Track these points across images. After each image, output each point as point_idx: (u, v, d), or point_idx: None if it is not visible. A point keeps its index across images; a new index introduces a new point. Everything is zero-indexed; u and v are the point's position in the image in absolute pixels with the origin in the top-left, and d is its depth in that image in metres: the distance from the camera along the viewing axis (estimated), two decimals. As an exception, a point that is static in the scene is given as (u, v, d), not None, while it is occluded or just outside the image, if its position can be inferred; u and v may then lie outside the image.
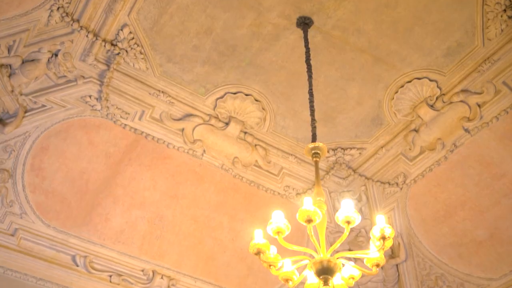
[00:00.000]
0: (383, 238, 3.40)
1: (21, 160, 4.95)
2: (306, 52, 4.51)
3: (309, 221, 3.35)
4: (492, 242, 5.55)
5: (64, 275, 5.10)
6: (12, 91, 4.64)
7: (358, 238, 6.21)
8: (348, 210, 3.39)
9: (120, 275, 5.36)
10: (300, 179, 5.91)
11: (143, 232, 5.53)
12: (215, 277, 5.81)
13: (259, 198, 5.88)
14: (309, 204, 3.39)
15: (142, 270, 5.50)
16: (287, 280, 3.68)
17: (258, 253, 3.51)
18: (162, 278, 5.53)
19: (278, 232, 3.45)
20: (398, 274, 6.37)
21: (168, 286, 5.55)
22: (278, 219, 3.47)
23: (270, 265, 3.59)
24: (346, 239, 6.09)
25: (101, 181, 5.30)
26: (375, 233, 3.44)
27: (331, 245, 3.59)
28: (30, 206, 5.05)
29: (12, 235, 4.99)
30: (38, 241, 5.09)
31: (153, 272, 5.52)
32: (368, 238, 5.44)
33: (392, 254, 6.29)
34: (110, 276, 5.32)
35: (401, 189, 5.89)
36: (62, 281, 5.08)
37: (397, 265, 6.34)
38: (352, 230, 6.05)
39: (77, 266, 5.21)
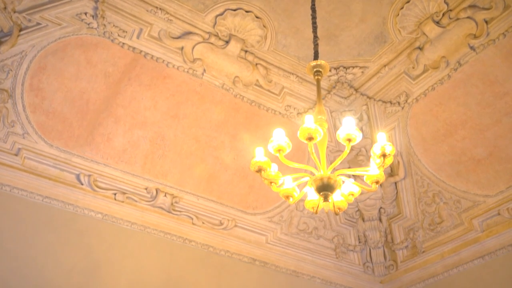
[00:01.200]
0: (384, 155, 3.42)
1: (20, 80, 4.90)
2: (308, -34, 4.33)
3: (310, 139, 3.35)
4: (490, 160, 5.62)
5: (70, 193, 5.22)
6: (5, 8, 4.50)
7: (358, 157, 6.28)
8: (349, 128, 3.39)
9: (124, 193, 5.48)
10: (301, 98, 5.88)
11: (145, 152, 5.59)
12: (217, 195, 5.95)
13: (260, 118, 5.89)
14: (310, 122, 3.38)
15: (146, 188, 5.61)
16: (287, 197, 3.75)
17: (259, 170, 3.54)
18: (165, 196, 5.66)
19: (279, 150, 3.46)
20: (397, 192, 6.52)
21: (172, 204, 5.69)
22: (279, 137, 3.47)
23: (271, 183, 3.64)
24: (346, 158, 6.16)
25: (101, 101, 5.28)
26: (375, 150, 3.46)
27: (331, 163, 3.62)
28: (31, 126, 5.07)
29: (16, 155, 5.05)
30: (42, 161, 5.15)
31: (157, 190, 5.63)
32: (368, 157, 5.50)
33: (391, 172, 6.40)
34: (115, 194, 5.44)
35: (402, 108, 5.88)
36: (68, 199, 5.20)
37: (395, 183, 6.47)
38: (352, 149, 6.12)
39: (82, 184, 5.30)
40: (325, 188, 3.47)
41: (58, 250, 4.95)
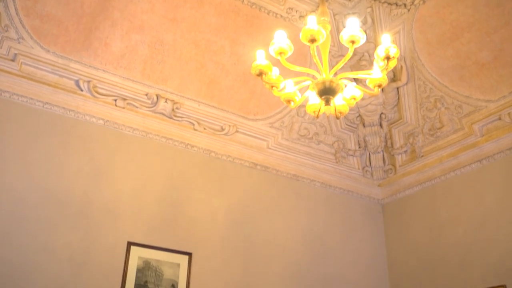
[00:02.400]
0: (388, 58, 3.35)
1: (10, -19, 4.70)
2: None
3: (313, 40, 3.27)
4: (495, 64, 5.52)
5: (70, 99, 5.19)
6: None
7: (361, 62, 6.18)
8: (353, 29, 3.29)
9: (125, 99, 5.46)
10: (303, 0, 5.66)
11: (144, 57, 5.48)
12: (218, 101, 5.93)
13: (261, 21, 5.71)
14: (313, 23, 3.27)
15: (146, 94, 5.58)
16: (288, 101, 3.73)
17: (260, 74, 3.49)
18: (166, 102, 5.64)
19: (280, 53, 3.39)
20: (398, 97, 6.50)
21: (173, 109, 5.69)
22: (280, 39, 3.38)
23: (272, 86, 3.61)
24: (348, 63, 6.14)
25: (96, 3, 5.08)
26: (379, 53, 3.39)
27: (333, 68, 3.55)
28: (26, 31, 4.93)
29: (13, 60, 4.96)
30: (40, 66, 5.08)
31: (157, 96, 5.60)
32: (371, 62, 5.42)
33: (393, 77, 6.33)
34: (115, 100, 5.42)
35: (408, 10, 5.68)
36: (68, 105, 5.18)
37: (397, 88, 6.43)
38: (355, 53, 6.04)
39: (82, 90, 5.26)
40: (327, 92, 3.45)
41: (61, 156, 5.02)
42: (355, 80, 5.78)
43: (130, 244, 5.06)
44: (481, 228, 5.74)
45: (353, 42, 3.30)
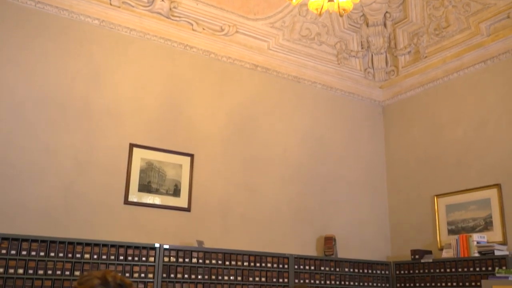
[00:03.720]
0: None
1: None
2: None
3: None
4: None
5: (63, -2, 5.00)
6: None
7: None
8: None
9: (120, -2, 5.26)
10: None
11: (138, -48, 5.19)
12: (217, 0, 5.70)
13: None
14: None
15: (142, -7, 5.36)
16: (290, -2, 3.58)
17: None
18: (163, 0, 5.42)
19: None
20: (404, -6, 6.25)
21: (170, 9, 5.48)
22: None
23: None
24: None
25: None
26: None
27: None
28: None
29: (-1, -44, 4.70)
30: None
31: (153, -6, 5.38)
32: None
33: (400, -27, 6.04)
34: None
35: None
36: (61, 3, 4.96)
37: (404, -15, 6.15)
38: None
39: (75, -12, 5.05)
40: (330, -13, 3.29)
41: (58, 57, 4.92)
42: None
43: (132, 145, 5.12)
44: (480, 128, 5.77)
45: None
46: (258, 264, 5.22)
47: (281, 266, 5.37)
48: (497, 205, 5.43)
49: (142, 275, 4.56)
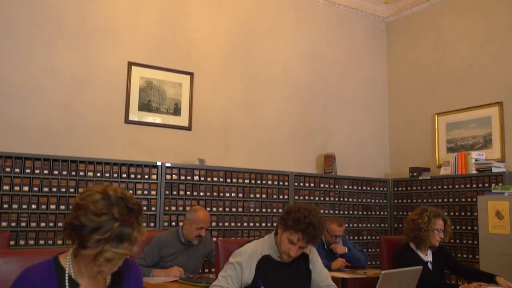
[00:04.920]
0: None
1: None
2: None
3: None
4: None
5: None
6: None
7: None
8: None
9: None
10: None
11: None
12: None
13: None
14: None
15: None
16: None
17: None
18: None
19: None
20: None
21: None
22: None
23: None
24: None
25: None
26: None
27: None
28: None
29: None
30: None
31: None
32: None
33: None
34: None
35: None
36: None
37: None
38: None
39: None
40: None
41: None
42: None
43: (130, 64, 5.03)
44: (485, 46, 5.65)
45: None
46: (259, 182, 5.31)
47: (281, 183, 5.47)
48: (498, 122, 5.43)
49: (145, 192, 4.66)
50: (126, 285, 1.70)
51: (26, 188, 4.14)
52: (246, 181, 5.24)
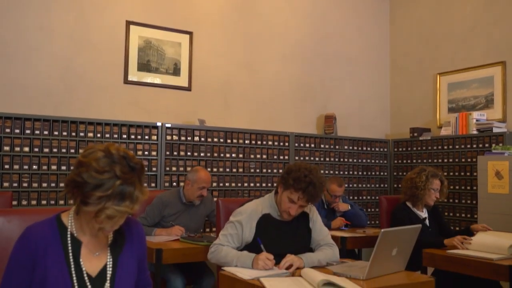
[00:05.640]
0: None
1: None
2: None
3: None
4: None
5: None
6: None
7: None
8: None
9: None
10: None
11: None
12: None
13: None
14: None
15: None
16: None
17: None
18: None
19: None
20: None
21: None
22: None
23: None
24: None
25: None
26: None
27: None
28: None
29: None
30: None
31: None
32: None
33: None
34: None
35: None
36: None
37: None
38: None
39: None
40: None
41: None
42: None
43: (128, 23, 4.94)
44: (490, 5, 5.54)
45: None
46: (259, 142, 5.32)
47: (281, 143, 5.47)
48: (500, 82, 5.38)
49: (146, 152, 4.66)
50: (127, 243, 1.71)
51: (26, 149, 4.15)
52: (246, 141, 5.24)
